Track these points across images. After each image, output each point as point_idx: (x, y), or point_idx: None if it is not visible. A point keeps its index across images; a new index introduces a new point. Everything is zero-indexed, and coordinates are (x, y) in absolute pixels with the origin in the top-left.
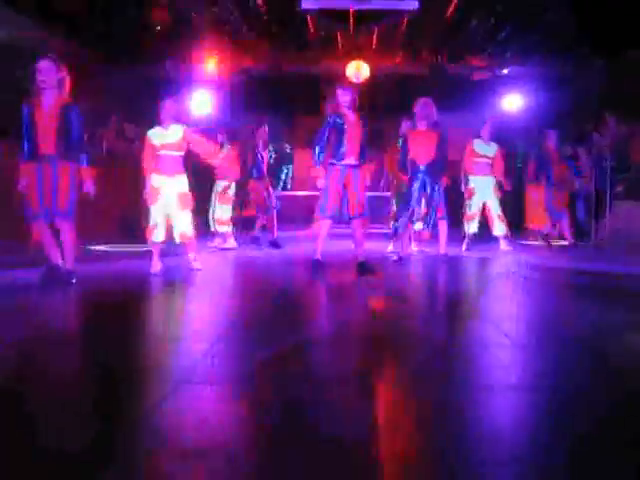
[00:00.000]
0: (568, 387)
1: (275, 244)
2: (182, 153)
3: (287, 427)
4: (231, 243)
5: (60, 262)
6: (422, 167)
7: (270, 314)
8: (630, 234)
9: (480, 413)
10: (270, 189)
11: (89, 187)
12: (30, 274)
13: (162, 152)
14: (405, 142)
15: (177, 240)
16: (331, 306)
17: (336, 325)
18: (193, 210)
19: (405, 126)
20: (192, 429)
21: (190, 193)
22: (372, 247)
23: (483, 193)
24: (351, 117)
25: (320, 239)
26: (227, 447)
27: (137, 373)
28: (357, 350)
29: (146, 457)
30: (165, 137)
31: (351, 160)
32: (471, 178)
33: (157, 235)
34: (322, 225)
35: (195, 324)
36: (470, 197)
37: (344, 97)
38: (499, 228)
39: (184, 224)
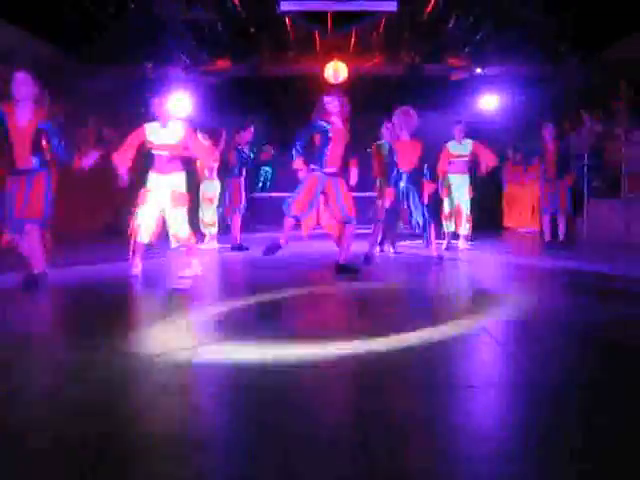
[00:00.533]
0: (550, 384)
1: (239, 248)
2: (180, 152)
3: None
4: (211, 244)
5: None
6: (404, 175)
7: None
8: (607, 232)
9: (464, 411)
10: (243, 191)
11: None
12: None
13: (158, 152)
14: (391, 153)
15: (172, 244)
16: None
17: (315, 323)
18: (189, 210)
19: (387, 130)
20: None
21: (186, 192)
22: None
23: (458, 191)
24: (338, 125)
25: (286, 231)
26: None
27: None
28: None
29: (137, 458)
30: (163, 136)
31: (332, 169)
32: (449, 176)
33: (141, 235)
34: (286, 222)
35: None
36: (447, 195)
37: (331, 104)
38: (465, 227)
39: (177, 224)
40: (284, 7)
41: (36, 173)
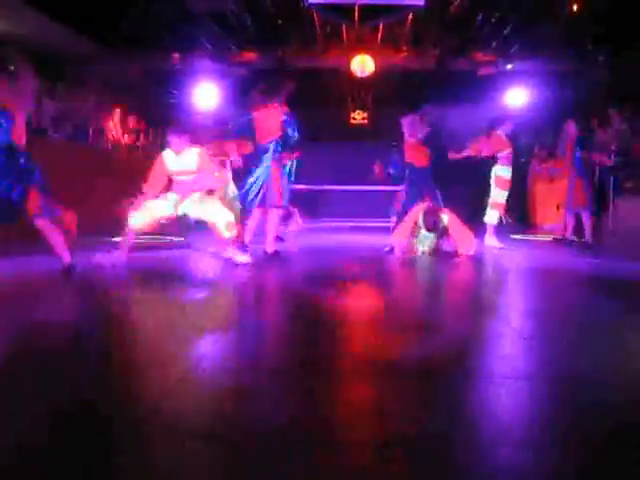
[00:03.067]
0: (572, 377)
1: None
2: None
3: (288, 419)
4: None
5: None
6: (415, 169)
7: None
8: (633, 231)
9: (483, 402)
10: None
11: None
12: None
13: (178, 178)
14: (401, 150)
15: (225, 234)
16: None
17: (331, 317)
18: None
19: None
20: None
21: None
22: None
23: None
24: (268, 110)
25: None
26: (229, 438)
27: (139, 367)
28: (357, 341)
29: (153, 447)
30: (179, 163)
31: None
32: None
33: (135, 220)
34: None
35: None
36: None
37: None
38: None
39: (218, 212)
40: (312, 0)
41: None
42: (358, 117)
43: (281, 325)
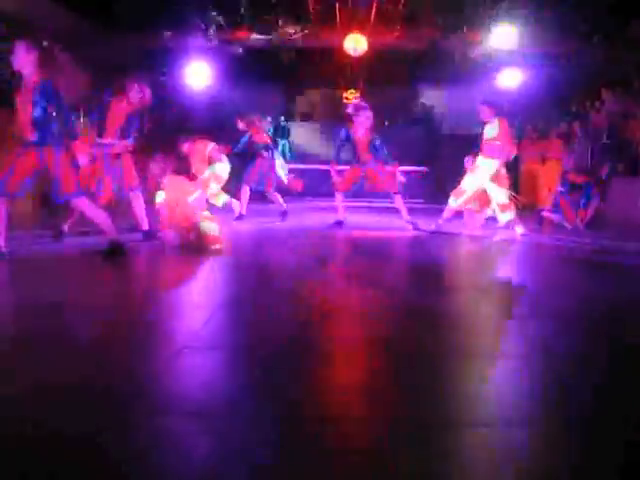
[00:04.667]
0: (562, 355)
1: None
2: None
3: (286, 390)
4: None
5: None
6: None
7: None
8: (624, 211)
9: (471, 379)
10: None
11: (83, 160)
12: None
13: None
14: None
15: None
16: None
17: (329, 295)
18: None
19: None
20: (194, 392)
21: None
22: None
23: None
24: None
25: None
26: (227, 409)
27: (141, 337)
28: (353, 320)
29: (150, 418)
30: None
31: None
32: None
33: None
34: None
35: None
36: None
37: None
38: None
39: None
40: None
41: (48, 151)
42: (351, 96)
43: (273, 304)
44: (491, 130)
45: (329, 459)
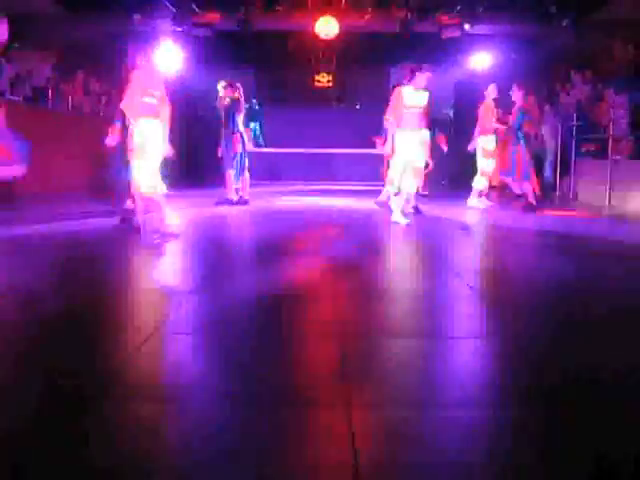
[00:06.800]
0: (529, 335)
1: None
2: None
3: (250, 380)
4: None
5: None
6: None
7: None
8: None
9: (444, 360)
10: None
11: None
12: None
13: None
14: None
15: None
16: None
17: (306, 277)
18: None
19: None
20: (166, 374)
21: None
22: None
23: None
24: None
25: None
26: (197, 391)
27: (114, 321)
28: (328, 301)
29: (123, 400)
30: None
31: None
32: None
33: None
34: None
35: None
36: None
37: None
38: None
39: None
40: None
41: None
42: (323, 80)
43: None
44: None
45: (299, 443)
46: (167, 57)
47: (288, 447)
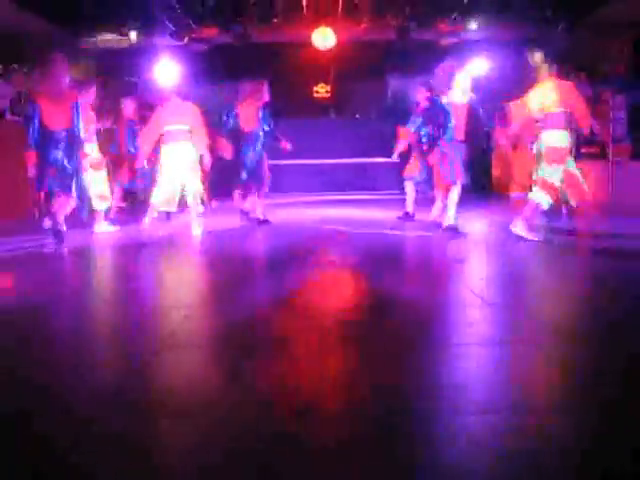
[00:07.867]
0: (538, 342)
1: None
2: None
3: (265, 385)
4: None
5: None
6: None
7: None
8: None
9: (453, 367)
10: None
11: None
12: None
13: None
14: None
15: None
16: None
17: (307, 289)
18: None
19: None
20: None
21: None
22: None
23: None
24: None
25: None
26: (209, 405)
27: (122, 336)
28: (332, 311)
29: (132, 416)
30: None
31: None
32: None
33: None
34: None
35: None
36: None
37: None
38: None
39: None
40: None
41: None
42: (321, 91)
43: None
44: None
45: (307, 455)
46: (167, 72)
47: (297, 459)
